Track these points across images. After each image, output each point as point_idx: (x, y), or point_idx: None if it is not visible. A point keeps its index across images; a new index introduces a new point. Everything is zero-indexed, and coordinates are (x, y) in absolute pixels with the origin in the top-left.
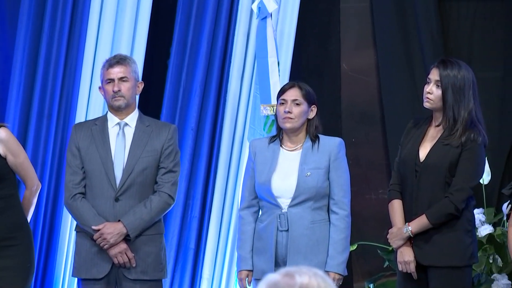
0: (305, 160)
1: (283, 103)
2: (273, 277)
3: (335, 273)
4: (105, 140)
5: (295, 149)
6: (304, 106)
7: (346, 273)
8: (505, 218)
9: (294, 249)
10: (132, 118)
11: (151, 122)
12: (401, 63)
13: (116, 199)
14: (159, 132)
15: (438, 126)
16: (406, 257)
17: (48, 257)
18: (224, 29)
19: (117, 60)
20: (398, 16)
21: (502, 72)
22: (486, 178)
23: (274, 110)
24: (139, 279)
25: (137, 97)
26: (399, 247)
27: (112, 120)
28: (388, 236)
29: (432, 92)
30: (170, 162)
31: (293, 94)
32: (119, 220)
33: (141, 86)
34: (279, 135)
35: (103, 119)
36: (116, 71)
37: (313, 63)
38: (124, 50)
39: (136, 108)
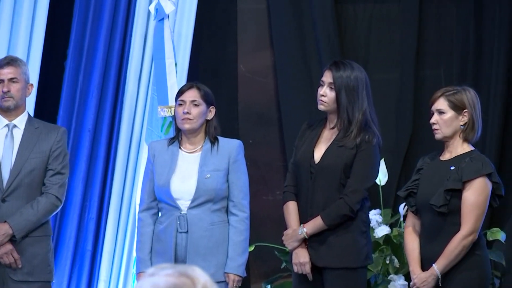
0: (204, 162)
1: (181, 104)
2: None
3: (235, 274)
4: None
5: (195, 151)
6: (202, 107)
7: (245, 275)
8: (401, 219)
9: (193, 251)
10: (21, 119)
11: (40, 124)
12: (298, 65)
13: (3, 200)
14: (47, 134)
15: (332, 128)
16: (301, 259)
17: None
18: (121, 31)
19: (8, 61)
20: (295, 18)
21: (399, 73)
22: (383, 179)
23: (172, 112)
24: (25, 281)
25: (33, 99)
26: (294, 248)
27: (1, 121)
28: (283, 238)
29: (325, 95)
30: (58, 164)
31: (192, 95)
32: (5, 221)
33: (31, 88)
34: (178, 137)
35: None
36: (6, 72)
37: (210, 64)
38: (20, 51)
39: (26, 110)
